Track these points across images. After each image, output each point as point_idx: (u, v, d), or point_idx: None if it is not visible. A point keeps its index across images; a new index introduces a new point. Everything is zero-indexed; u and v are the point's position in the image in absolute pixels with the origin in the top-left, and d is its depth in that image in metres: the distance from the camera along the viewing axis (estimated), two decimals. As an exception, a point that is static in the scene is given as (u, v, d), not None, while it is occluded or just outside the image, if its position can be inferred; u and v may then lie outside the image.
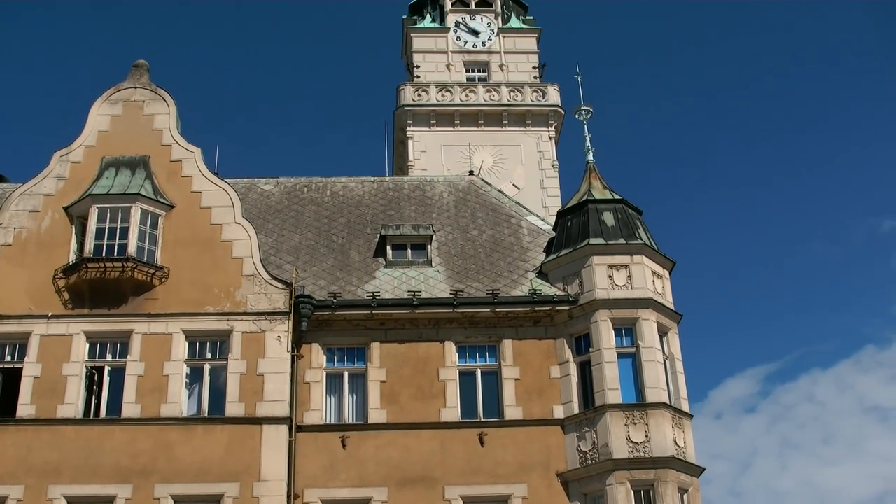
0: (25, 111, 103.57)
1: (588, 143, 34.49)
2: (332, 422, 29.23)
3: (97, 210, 30.43)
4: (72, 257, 30.23)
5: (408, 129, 49.47)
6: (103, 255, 29.74)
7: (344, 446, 28.59)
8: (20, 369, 28.92)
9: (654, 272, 30.79)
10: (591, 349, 29.48)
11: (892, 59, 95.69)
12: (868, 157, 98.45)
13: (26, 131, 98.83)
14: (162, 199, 30.96)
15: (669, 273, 31.55)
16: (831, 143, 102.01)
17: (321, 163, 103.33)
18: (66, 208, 30.99)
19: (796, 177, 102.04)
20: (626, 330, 29.76)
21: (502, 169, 47.85)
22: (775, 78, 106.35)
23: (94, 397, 28.99)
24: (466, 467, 28.50)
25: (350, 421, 29.29)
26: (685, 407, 29.49)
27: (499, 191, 37.56)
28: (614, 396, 28.66)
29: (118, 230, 30.13)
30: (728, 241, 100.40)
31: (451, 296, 30.34)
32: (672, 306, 30.77)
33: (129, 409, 28.33)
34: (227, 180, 32.53)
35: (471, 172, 39.85)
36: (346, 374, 29.81)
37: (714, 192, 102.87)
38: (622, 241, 30.90)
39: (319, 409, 29.17)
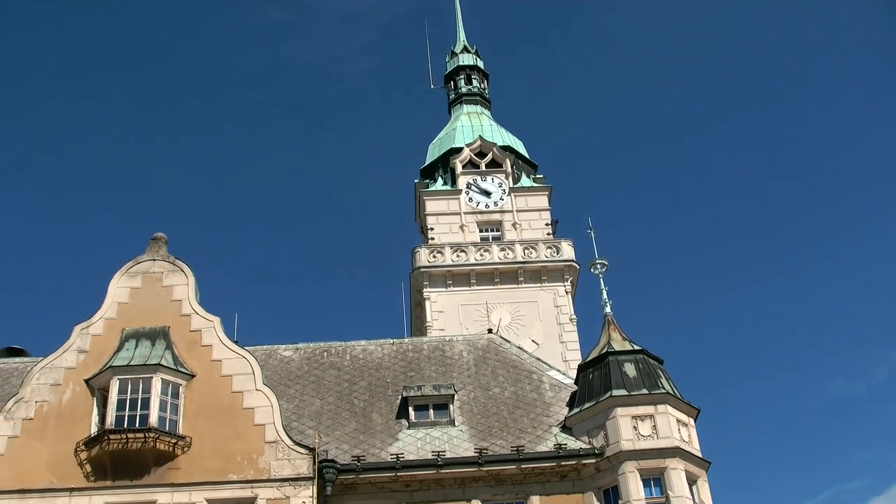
0: (45, 285, 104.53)
1: (605, 296, 34.64)
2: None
3: (118, 381, 30.44)
4: (93, 429, 30.15)
5: (424, 290, 49.72)
6: (125, 426, 29.66)
7: None
8: (43, 544, 28.63)
9: (679, 420, 30.58)
10: (620, 501, 29.13)
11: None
12: (888, 291, 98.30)
13: (46, 305, 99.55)
14: (182, 369, 30.99)
15: (694, 420, 31.33)
16: (849, 280, 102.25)
17: (339, 327, 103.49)
18: (87, 381, 31.04)
19: (816, 316, 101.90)
20: (654, 480, 29.46)
21: (520, 325, 47.91)
22: (785, 217, 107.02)
23: (118, 570, 28.59)
24: None
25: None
26: (721, 557, 28.96)
27: (518, 347, 37.59)
28: (648, 548, 28.20)
29: (139, 401, 30.10)
30: (752, 383, 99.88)
31: (476, 454, 30.09)
32: (699, 454, 30.46)
33: (154, 581, 27.90)
34: (246, 348, 32.67)
35: (489, 331, 39.91)
36: (373, 538, 29.38)
37: (733, 337, 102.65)
38: (645, 391, 30.77)
39: (348, 574, 28.70)
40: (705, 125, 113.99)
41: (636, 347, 32.62)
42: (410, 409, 32.49)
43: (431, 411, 32.56)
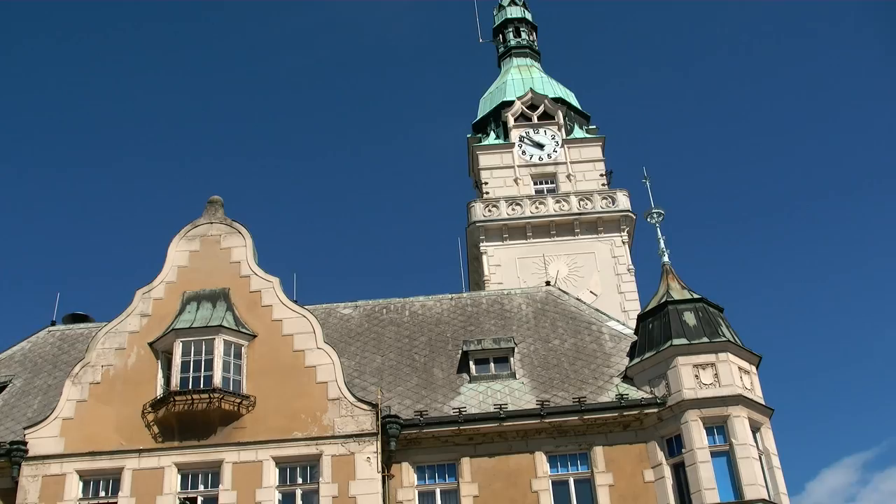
0: (106, 252, 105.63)
1: (662, 245, 34.43)
2: (427, 538, 28.99)
3: (181, 344, 30.80)
4: (159, 391, 30.58)
5: (481, 244, 49.80)
6: (190, 387, 30.06)
7: (441, 562, 28.34)
8: (114, 504, 29.21)
9: (740, 368, 30.42)
10: (683, 450, 29.05)
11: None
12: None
13: (107, 272, 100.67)
14: (244, 330, 31.29)
15: (756, 368, 31.16)
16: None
17: (397, 284, 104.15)
18: (150, 344, 31.45)
19: (880, 259, 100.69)
20: (717, 428, 29.34)
21: (578, 277, 47.87)
22: (845, 163, 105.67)
23: (189, 528, 29.12)
24: (567, 578, 28.05)
25: (445, 537, 29.01)
26: (785, 502, 28.84)
27: (577, 299, 37.50)
28: (712, 496, 28.12)
29: (203, 362, 30.48)
30: (814, 329, 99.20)
31: (538, 406, 30.14)
32: (762, 401, 30.31)
33: (225, 538, 28.36)
34: (306, 307, 32.90)
35: (547, 283, 39.83)
36: (437, 492, 29.60)
37: (795, 282, 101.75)
38: (705, 339, 30.61)
39: (415, 527, 28.99)
40: (759, 73, 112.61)
41: (695, 296, 32.43)
42: (471, 363, 32.59)
43: (492, 365, 32.63)
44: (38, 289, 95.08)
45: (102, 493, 29.56)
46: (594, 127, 56.25)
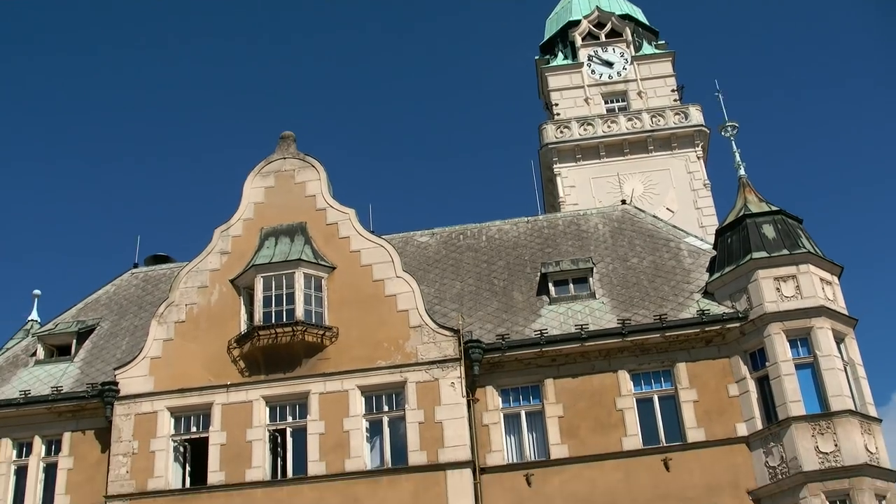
0: (183, 193, 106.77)
1: (738, 158, 34.00)
2: (515, 461, 29.20)
3: (262, 279, 31.16)
4: (243, 327, 31.04)
5: (554, 166, 49.54)
6: (273, 321, 30.46)
7: (529, 484, 28.55)
8: (206, 438, 29.92)
9: (822, 279, 30.11)
10: (767, 363, 28.93)
11: None
12: None
13: (185, 213, 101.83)
14: (323, 262, 31.55)
15: (838, 278, 30.83)
16: None
17: (473, 210, 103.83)
18: (232, 281, 31.87)
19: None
20: (801, 341, 29.14)
21: (654, 195, 47.49)
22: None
23: (279, 459, 29.70)
24: (653, 494, 28.11)
25: (532, 459, 29.21)
26: (872, 412, 28.65)
27: (653, 216, 37.22)
28: (797, 408, 28.02)
29: (284, 296, 30.83)
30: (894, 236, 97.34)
31: (619, 325, 30.13)
32: (845, 312, 30.02)
33: (315, 467, 28.92)
34: (383, 236, 33.11)
35: (623, 202, 39.62)
36: (523, 413, 29.78)
37: (874, 190, 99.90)
38: (785, 251, 30.31)
39: (500, 449, 29.21)
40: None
41: (774, 208, 32.05)
42: (550, 284, 32.59)
43: (571, 286, 32.59)
44: (118, 233, 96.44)
45: (194, 429, 30.27)
46: (663, 42, 55.43)
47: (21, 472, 31.34)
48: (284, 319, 30.42)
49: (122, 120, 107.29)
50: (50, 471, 31.23)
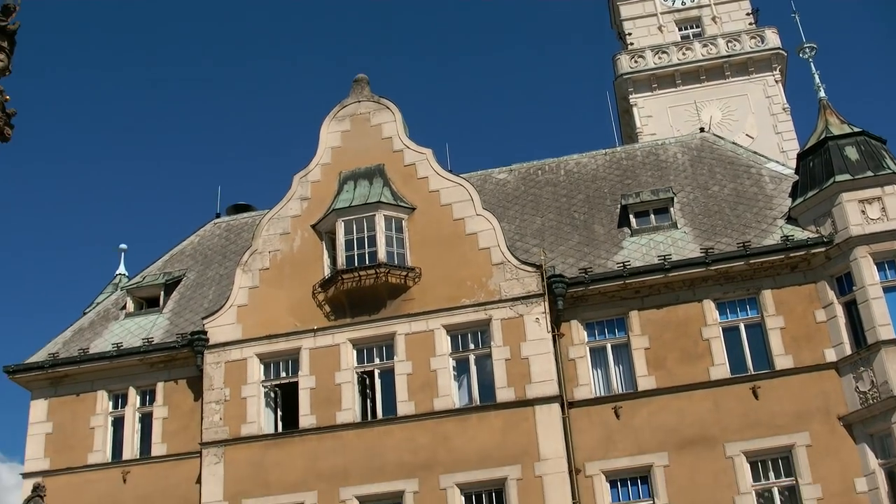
0: (260, 141, 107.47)
1: (817, 80, 33.37)
2: (602, 394, 29.21)
3: (343, 223, 31.34)
4: (326, 271, 31.30)
5: (630, 96, 49.16)
6: (356, 265, 30.66)
7: (617, 417, 28.57)
8: (296, 383, 30.33)
9: (909, 200, 29.53)
10: (854, 288, 28.52)
11: None
12: None
13: (263, 161, 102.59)
14: (402, 203, 31.63)
15: (925, 198, 30.21)
16: None
17: (550, 144, 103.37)
18: (313, 226, 32.11)
19: None
20: (888, 263, 28.66)
21: (732, 121, 46.91)
22: None
23: (368, 400, 30.06)
24: (743, 422, 27.98)
25: (619, 391, 29.18)
26: (965, 333, 28.17)
27: (733, 143, 36.74)
28: (887, 332, 27.60)
29: (366, 239, 31.00)
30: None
31: (703, 254, 29.84)
32: (934, 231, 29.46)
33: (404, 407, 29.19)
34: (461, 175, 33.03)
35: (701, 129, 39.16)
36: (608, 346, 29.73)
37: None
38: (869, 173, 29.74)
39: (588, 383, 29.22)
40: None
41: (856, 129, 31.43)
42: (631, 216, 32.38)
43: (652, 216, 32.34)
44: (199, 185, 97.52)
45: (283, 374, 30.69)
46: (735, -35, 54.45)
47: (118, 423, 32.01)
48: (367, 262, 30.60)
49: (197, 73, 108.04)
50: (145, 420, 31.89)
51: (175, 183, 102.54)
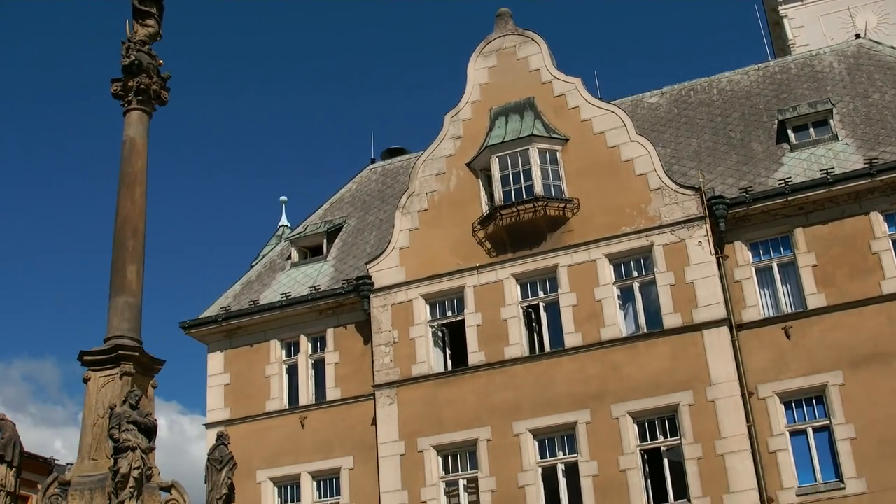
0: (406, 84, 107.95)
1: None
2: (771, 315, 28.77)
3: (497, 159, 31.37)
4: (484, 208, 31.44)
5: (780, 7, 47.85)
6: (513, 199, 30.70)
7: (788, 337, 28.12)
8: (462, 321, 30.63)
9: None
10: None
11: None
12: None
13: (412, 103, 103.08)
14: (555, 135, 31.49)
15: None
16: None
17: (698, 64, 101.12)
18: (468, 164, 32.22)
19: None
20: None
21: (889, 24, 45.23)
22: None
23: (535, 334, 30.19)
24: (920, 335, 27.29)
25: (789, 311, 28.70)
26: None
27: (892, 48, 35.44)
28: None
29: (521, 173, 30.99)
30: None
31: (867, 165, 28.94)
32: None
33: (571, 338, 29.25)
34: (612, 102, 32.74)
35: (857, 36, 37.86)
36: (774, 266, 29.25)
37: None
38: None
39: (755, 304, 28.82)
40: None
41: None
42: (789, 131, 31.62)
43: (811, 130, 31.53)
44: (353, 132, 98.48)
45: (449, 313, 31.07)
46: None
47: (292, 370, 32.90)
48: (524, 196, 30.62)
49: (341, 19, 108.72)
50: (318, 366, 32.70)
51: (329, 130, 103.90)
